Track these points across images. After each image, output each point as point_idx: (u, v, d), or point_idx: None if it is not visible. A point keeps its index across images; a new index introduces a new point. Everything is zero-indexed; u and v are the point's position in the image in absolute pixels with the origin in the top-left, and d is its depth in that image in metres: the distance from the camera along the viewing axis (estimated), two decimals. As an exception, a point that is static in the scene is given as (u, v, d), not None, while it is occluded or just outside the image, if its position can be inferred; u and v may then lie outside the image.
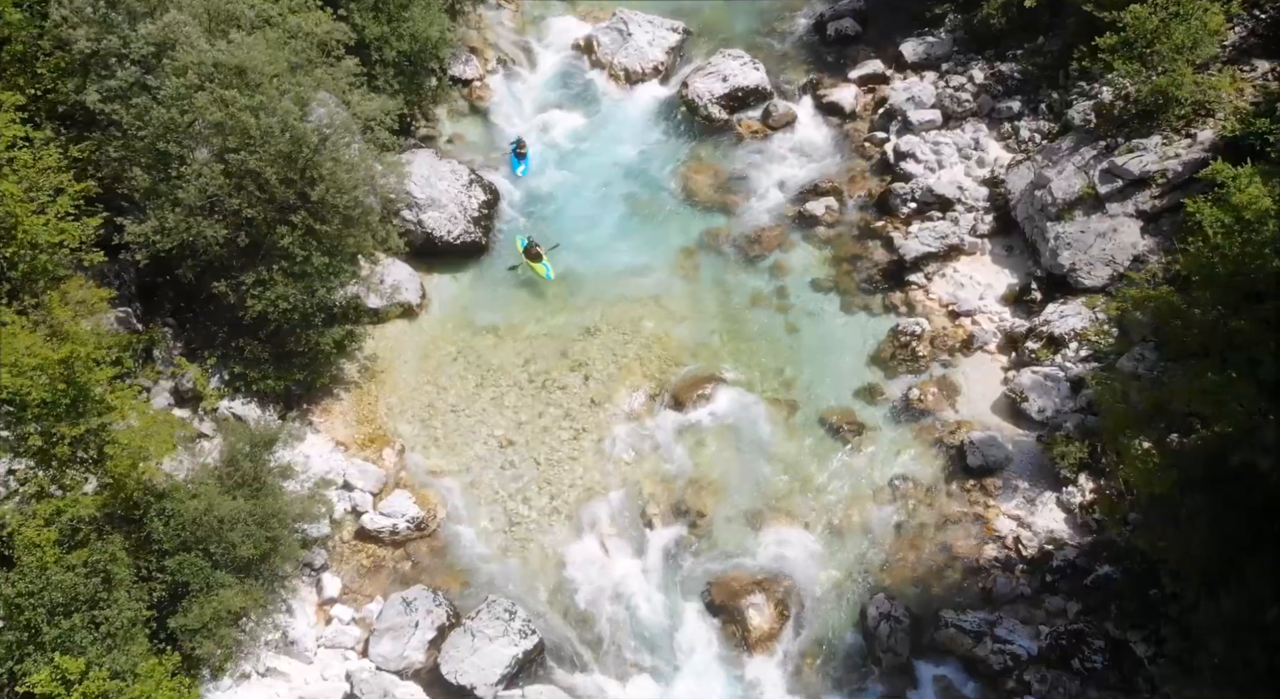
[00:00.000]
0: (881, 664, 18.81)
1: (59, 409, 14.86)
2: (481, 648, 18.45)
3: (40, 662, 14.20)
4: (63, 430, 15.06)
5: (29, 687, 14.02)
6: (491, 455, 22.66)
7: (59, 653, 14.21)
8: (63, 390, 14.78)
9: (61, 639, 14.46)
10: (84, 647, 14.56)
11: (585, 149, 29.68)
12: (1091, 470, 20.00)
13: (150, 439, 15.55)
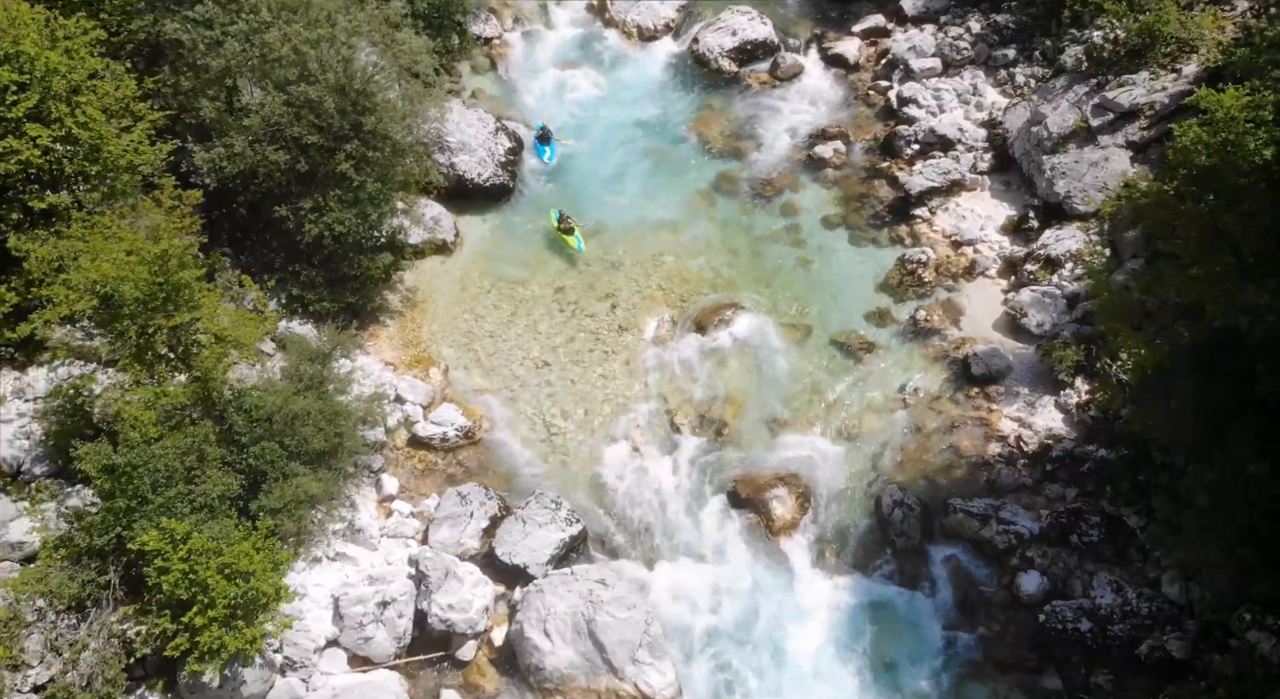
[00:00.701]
0: (895, 547, 20.54)
1: (155, 302, 16.41)
2: (532, 533, 20.12)
3: (147, 526, 15.77)
4: (159, 322, 16.63)
5: (139, 546, 15.61)
6: (528, 375, 24.27)
7: (164, 518, 15.79)
8: (159, 284, 16.32)
9: (165, 506, 16.05)
10: (184, 515, 16.16)
11: (602, 103, 31.26)
12: (1087, 373, 21.73)
13: (240, 330, 17.12)
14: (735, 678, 19.07)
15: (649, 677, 18.53)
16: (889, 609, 19.95)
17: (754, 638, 19.64)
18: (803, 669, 19.20)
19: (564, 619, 18.74)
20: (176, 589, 15.49)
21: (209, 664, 15.59)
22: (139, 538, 15.63)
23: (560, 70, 31.90)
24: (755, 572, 20.64)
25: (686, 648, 19.46)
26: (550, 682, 18.51)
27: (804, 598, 20.23)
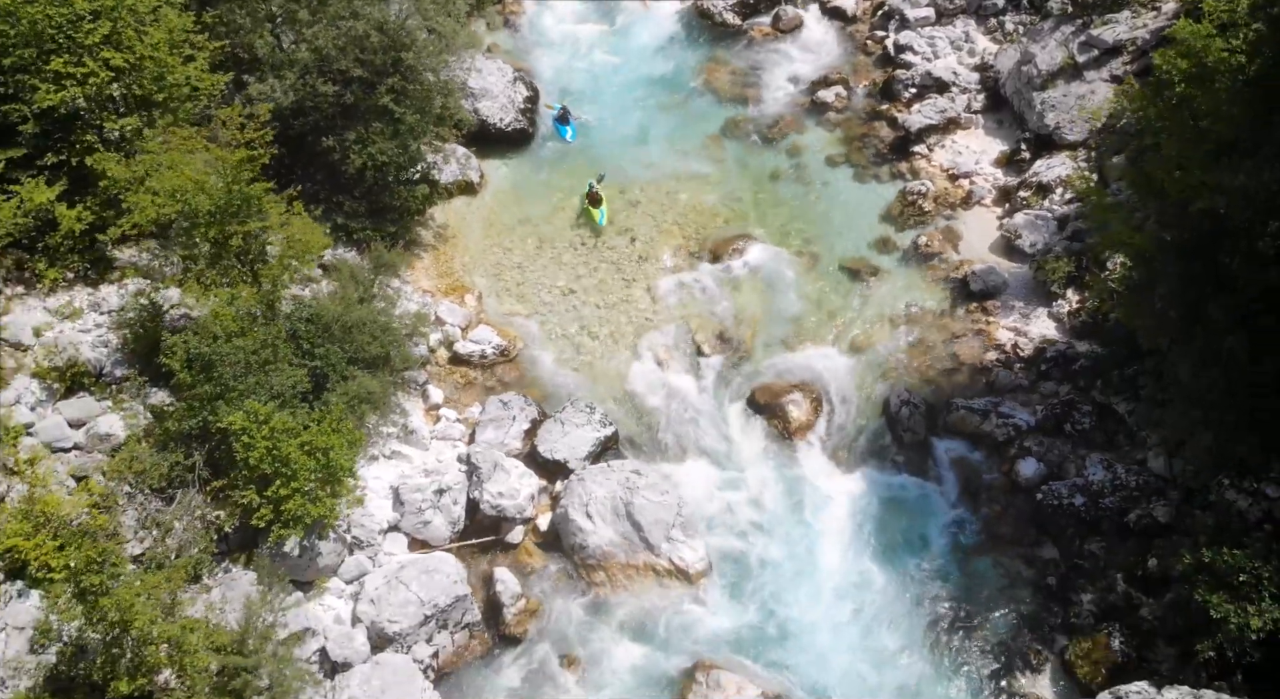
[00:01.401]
0: (903, 441, 22.33)
1: (231, 209, 17.96)
2: (570, 433, 21.81)
3: (232, 409, 17.36)
4: (234, 228, 18.19)
5: (226, 426, 17.19)
6: (556, 301, 25.91)
7: (248, 401, 17.38)
8: (235, 192, 17.87)
9: (247, 391, 17.63)
10: (262, 402, 17.73)
11: (613, 56, 32.89)
12: (1077, 284, 23.55)
13: (309, 234, 18.70)
14: (762, 557, 20.78)
15: (682, 552, 20.29)
16: (899, 496, 21.74)
17: (777, 524, 21.37)
18: (823, 549, 20.94)
19: (604, 503, 20.46)
20: (262, 464, 17.10)
21: (292, 531, 17.21)
22: (225, 419, 17.21)
23: (572, 26, 33.48)
24: (775, 468, 22.39)
25: (714, 533, 21.14)
26: (593, 558, 20.22)
27: (821, 489, 21.98)
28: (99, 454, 18.64)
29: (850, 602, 20.09)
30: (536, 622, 19.58)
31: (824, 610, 19.97)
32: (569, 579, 20.38)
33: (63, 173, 19.82)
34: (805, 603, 20.05)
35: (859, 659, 19.23)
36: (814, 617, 19.85)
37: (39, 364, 19.14)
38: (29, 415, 18.43)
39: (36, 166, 19.67)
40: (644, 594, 20.12)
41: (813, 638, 19.54)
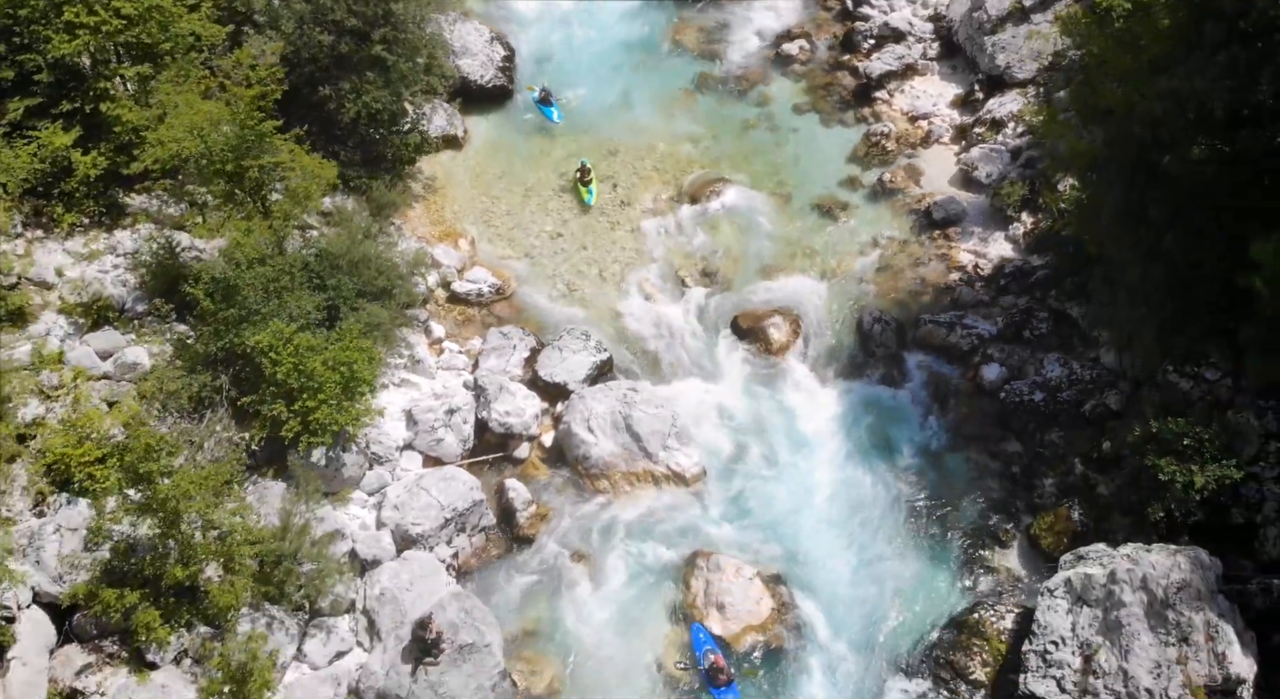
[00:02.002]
0: (876, 356, 24.06)
1: (246, 144, 19.11)
2: (568, 358, 23.24)
3: (257, 330, 18.54)
4: (250, 162, 19.34)
5: (254, 344, 18.38)
6: (545, 245, 27.28)
7: (272, 322, 18.59)
8: (250, 128, 19.03)
9: (269, 315, 18.82)
10: (285, 323, 18.93)
11: (584, 22, 34.08)
12: (1031, 207, 25.45)
13: (321, 168, 19.90)
14: (752, 462, 22.41)
15: (678, 459, 21.86)
16: (875, 404, 23.47)
17: (763, 433, 22.99)
18: (808, 454, 22.61)
19: (604, 417, 21.94)
20: (289, 379, 18.34)
21: (320, 439, 18.47)
22: (251, 339, 18.40)
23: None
24: (760, 384, 24.02)
25: (707, 443, 22.70)
26: (596, 468, 21.71)
27: (803, 401, 23.64)
28: (127, 382, 19.69)
29: (834, 497, 21.78)
30: (547, 525, 21.03)
31: (810, 506, 21.64)
32: (574, 488, 21.84)
33: (77, 121, 20.76)
34: (793, 500, 21.71)
35: (844, 545, 20.94)
36: (801, 511, 21.52)
37: (65, 300, 20.14)
38: (59, 347, 19.41)
39: (51, 115, 20.60)
40: (645, 498, 21.66)
41: (801, 528, 21.20)
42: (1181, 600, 16.19)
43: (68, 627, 16.45)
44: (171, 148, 18.84)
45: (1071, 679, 16.74)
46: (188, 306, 19.93)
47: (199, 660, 16.47)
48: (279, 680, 16.88)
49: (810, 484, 22.09)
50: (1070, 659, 16.95)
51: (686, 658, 18.93)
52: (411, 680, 16.58)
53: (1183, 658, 15.80)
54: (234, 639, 16.34)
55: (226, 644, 16.24)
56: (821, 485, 22.08)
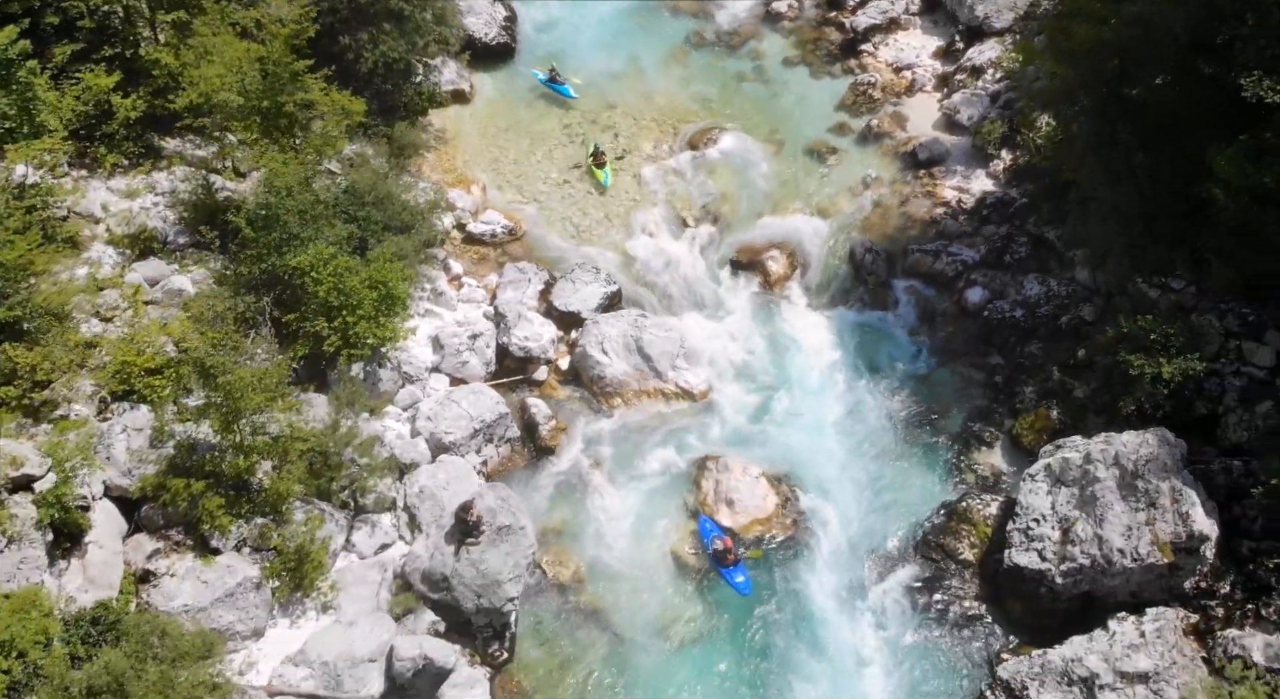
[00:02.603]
0: (868, 284, 25.73)
1: (281, 81, 20.50)
2: (580, 289, 24.79)
3: (298, 251, 19.97)
4: (285, 97, 20.73)
5: (296, 265, 19.81)
6: (552, 190, 28.76)
7: (312, 244, 20.02)
8: (286, 64, 20.42)
9: (308, 239, 20.25)
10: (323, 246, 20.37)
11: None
12: (1009, 143, 27.17)
13: (348, 101, 21.32)
14: (755, 381, 24.06)
15: (686, 377, 23.49)
16: (867, 328, 25.18)
17: (765, 355, 24.65)
18: (806, 372, 24.29)
19: (616, 340, 23.53)
20: (329, 297, 19.79)
21: (361, 352, 19.95)
22: (294, 261, 19.83)
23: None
24: (760, 312, 25.68)
25: (713, 364, 24.32)
26: (610, 386, 23.30)
27: (801, 326, 25.33)
28: (174, 309, 21.05)
29: (832, 409, 23.48)
30: (567, 437, 22.61)
31: (811, 417, 23.31)
32: (590, 406, 23.42)
33: (117, 65, 22.05)
34: (795, 412, 23.40)
35: (842, 450, 22.64)
36: (802, 421, 23.21)
37: (112, 232, 21.47)
38: (111, 273, 20.76)
39: (93, 60, 21.87)
40: (656, 413, 23.28)
41: (802, 436, 22.89)
42: (1149, 471, 17.97)
43: (136, 518, 17.88)
44: (214, 82, 20.17)
45: (1052, 549, 18.50)
46: (229, 236, 21.29)
47: (257, 549, 17.93)
48: (330, 566, 18.41)
49: (810, 398, 23.76)
50: (1050, 533, 18.71)
51: (696, 545, 20.58)
52: (455, 559, 18.13)
53: (1151, 520, 17.58)
54: (290, 526, 17.84)
55: (283, 530, 17.74)
56: (820, 399, 23.75)
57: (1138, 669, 16.41)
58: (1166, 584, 17.85)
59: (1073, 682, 16.86)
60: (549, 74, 30.93)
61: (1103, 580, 17.94)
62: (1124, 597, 18.01)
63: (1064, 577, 18.20)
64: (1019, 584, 18.81)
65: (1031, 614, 18.69)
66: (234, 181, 23.32)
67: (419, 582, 18.41)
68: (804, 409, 23.55)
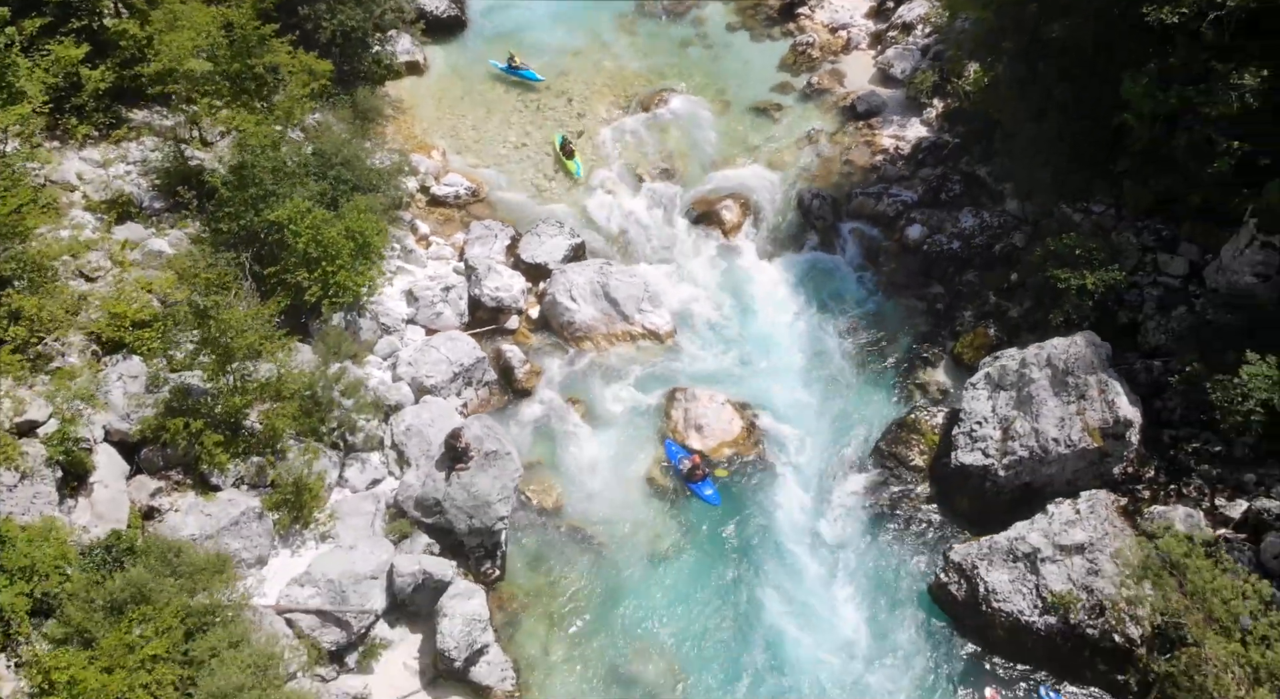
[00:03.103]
0: (816, 227, 27.31)
1: (249, 44, 21.35)
2: (546, 242, 25.96)
3: (274, 208, 20.85)
4: (255, 61, 21.58)
5: (275, 218, 20.69)
6: (511, 153, 29.88)
7: (289, 199, 20.92)
8: (253, 28, 21.27)
9: (285, 193, 21.13)
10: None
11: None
12: (941, 92, 28.93)
13: (313, 62, 22.24)
14: (716, 321, 25.47)
15: (652, 319, 24.83)
16: (817, 267, 26.75)
17: (724, 297, 26.08)
18: (762, 310, 25.76)
19: (584, 287, 24.76)
20: (308, 248, 20.71)
21: (341, 300, 20.91)
22: (273, 214, 20.72)
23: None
24: (717, 258, 27.09)
25: (675, 308, 25.68)
26: (580, 331, 24.54)
27: (756, 269, 26.81)
28: (154, 269, 21.77)
29: (788, 342, 25.00)
30: (541, 380, 23.79)
31: (769, 349, 24.82)
32: (562, 350, 24.64)
33: (84, 38, 22.64)
34: (754, 346, 24.88)
35: (799, 378, 24.16)
36: (762, 354, 24.71)
37: (89, 199, 22.12)
38: (92, 237, 21.40)
39: (61, 33, 22.44)
40: (625, 353, 24.58)
41: (762, 368, 24.38)
42: (1078, 367, 19.76)
43: (137, 460, 18.67)
44: (185, 47, 20.93)
45: (994, 447, 20.22)
46: (205, 197, 22.06)
47: (254, 485, 18.84)
48: (327, 499, 19.40)
49: (767, 333, 25.27)
50: (992, 433, 20.43)
51: (667, 469, 21.96)
52: (446, 484, 19.25)
53: (1081, 410, 19.36)
54: (286, 462, 18.80)
55: (280, 465, 18.70)
56: (777, 334, 25.27)
57: (1074, 541, 18.17)
58: (1097, 471, 19.65)
59: (1017, 558, 18.57)
60: (508, 62, 31.53)
61: (1041, 470, 19.69)
62: (1060, 485, 19.76)
63: (1006, 470, 19.92)
64: (966, 481, 20.50)
65: (978, 508, 20.36)
66: (201, 150, 24.06)
67: (412, 508, 19.49)
68: (763, 344, 25.03)
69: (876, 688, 18.64)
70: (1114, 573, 17.54)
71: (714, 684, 18.77)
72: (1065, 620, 17.82)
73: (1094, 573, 17.90)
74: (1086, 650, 17.80)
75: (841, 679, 18.76)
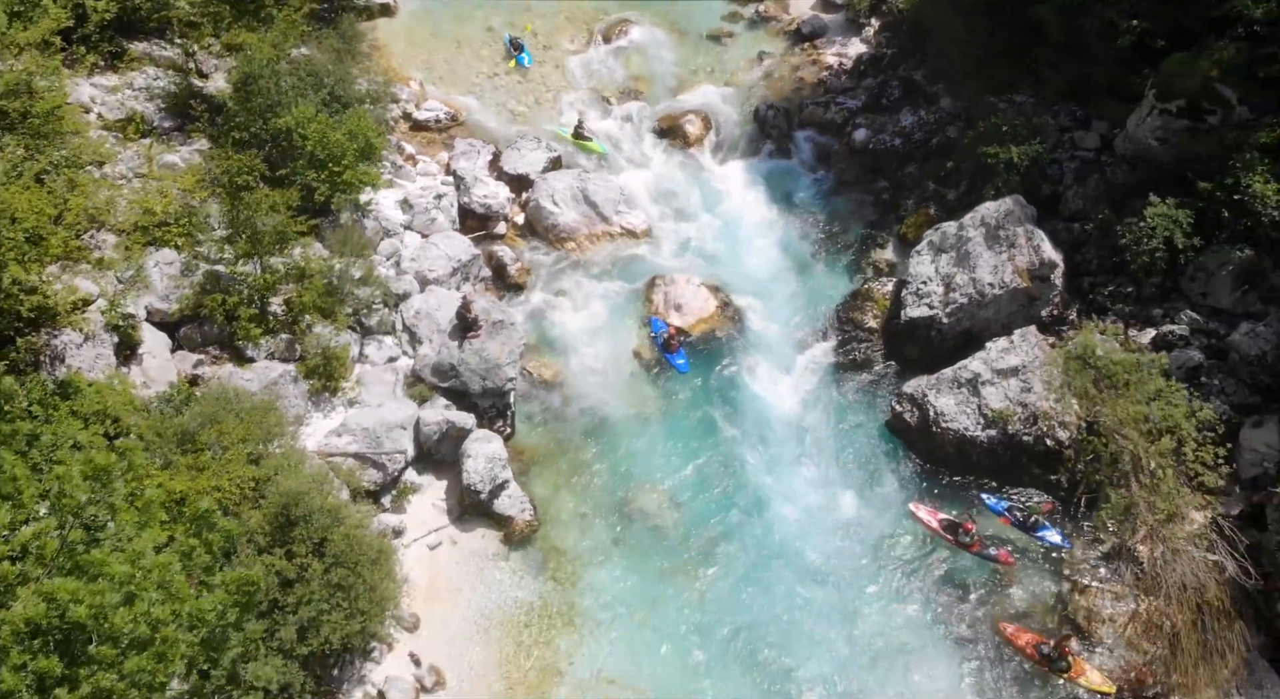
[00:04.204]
0: (771, 136, 29.94)
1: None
2: (526, 155, 28.19)
3: (281, 115, 22.79)
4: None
5: (283, 124, 22.65)
6: (484, 83, 31.97)
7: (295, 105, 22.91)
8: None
9: (289, 102, 23.07)
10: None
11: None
12: (877, 11, 31.72)
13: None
14: (687, 220, 27.99)
15: (628, 219, 27.25)
16: (775, 171, 29.39)
17: (692, 200, 28.57)
18: (727, 210, 28.33)
19: (564, 192, 27.08)
20: (316, 150, 22.72)
21: (349, 196, 22.97)
22: (281, 120, 22.66)
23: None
24: (684, 167, 29.61)
25: (649, 210, 28.14)
26: (563, 232, 26.86)
27: (720, 175, 29.39)
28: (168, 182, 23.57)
29: (752, 235, 27.62)
30: (532, 276, 26.09)
31: (736, 242, 27.42)
32: (549, 252, 26.94)
33: (86, -30, 24.25)
34: (723, 239, 27.46)
35: (764, 266, 26.81)
36: (730, 245, 27.30)
37: (105, 118, 23.81)
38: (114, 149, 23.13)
39: (64, -36, 24.00)
40: (606, 250, 26.97)
41: (731, 257, 26.98)
42: (1008, 222, 22.67)
43: (176, 339, 20.60)
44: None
45: (938, 299, 23.05)
46: (214, 112, 23.92)
47: (285, 359, 20.90)
48: (351, 370, 21.54)
49: (734, 229, 27.86)
50: (936, 289, 23.26)
51: (651, 343, 24.46)
52: (460, 351, 21.51)
53: (1011, 257, 22.26)
54: (313, 336, 20.90)
55: (307, 338, 20.80)
56: (742, 229, 27.88)
57: (1009, 365, 21.07)
58: (1027, 314, 22.59)
59: (961, 384, 21.43)
60: (511, 42, 32.35)
61: (979, 314, 22.57)
62: (997, 329, 22.65)
63: (949, 317, 22.77)
64: (914, 333, 23.32)
65: (926, 355, 23.17)
66: (199, 81, 25.80)
67: (429, 375, 21.73)
68: (730, 237, 27.62)
69: (846, 504, 21.41)
70: (1043, 388, 20.45)
71: (701, 507, 21.39)
72: (1004, 432, 20.73)
73: (1027, 390, 20.82)
74: (1023, 457, 20.75)
75: (810, 501, 21.49)
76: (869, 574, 20.18)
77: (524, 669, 18.37)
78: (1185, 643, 17.44)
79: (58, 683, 9.74)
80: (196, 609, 11.10)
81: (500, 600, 19.42)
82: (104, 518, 11.68)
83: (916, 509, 20.76)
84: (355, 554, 16.32)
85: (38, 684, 9.70)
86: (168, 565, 10.87)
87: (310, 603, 15.71)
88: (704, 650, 19.02)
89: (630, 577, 20.28)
